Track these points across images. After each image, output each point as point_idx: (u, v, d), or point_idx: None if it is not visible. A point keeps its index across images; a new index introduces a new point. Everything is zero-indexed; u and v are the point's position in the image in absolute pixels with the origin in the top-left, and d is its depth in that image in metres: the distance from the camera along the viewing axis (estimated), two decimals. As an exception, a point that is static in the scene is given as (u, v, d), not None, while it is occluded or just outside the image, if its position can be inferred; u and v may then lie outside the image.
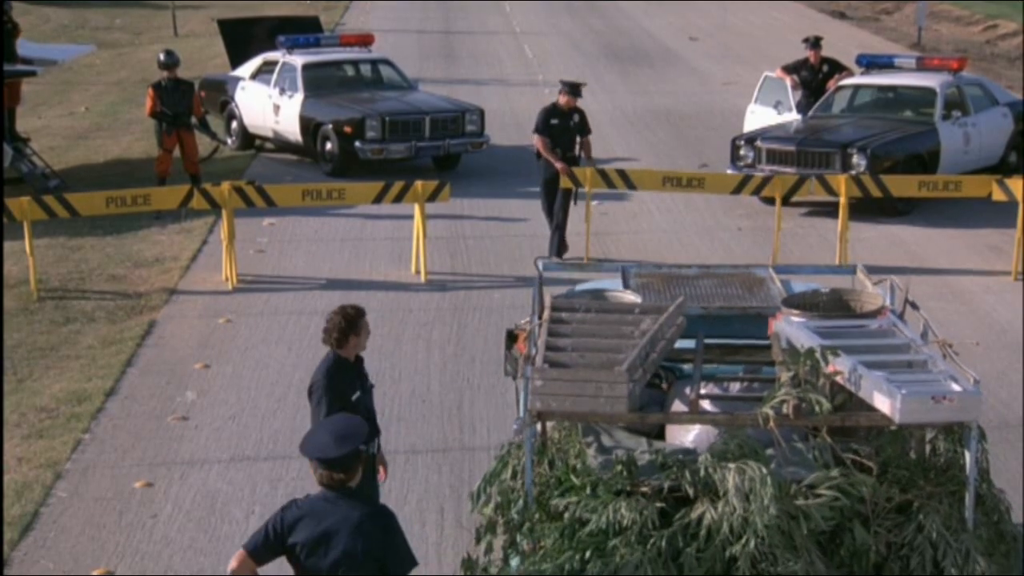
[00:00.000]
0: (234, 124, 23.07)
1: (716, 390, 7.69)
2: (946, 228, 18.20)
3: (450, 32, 39.28)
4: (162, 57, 19.65)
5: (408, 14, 42.95)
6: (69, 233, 17.66)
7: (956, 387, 6.74)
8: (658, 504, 6.74)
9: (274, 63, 22.40)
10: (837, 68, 20.98)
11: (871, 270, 9.28)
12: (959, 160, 19.18)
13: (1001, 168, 19.52)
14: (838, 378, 6.99)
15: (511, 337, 9.26)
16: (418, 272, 16.06)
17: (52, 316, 14.85)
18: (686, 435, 7.52)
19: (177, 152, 19.34)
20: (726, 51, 33.64)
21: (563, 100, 16.61)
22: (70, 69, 31.15)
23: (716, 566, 6.62)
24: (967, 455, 6.81)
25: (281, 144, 22.38)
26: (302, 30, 24.29)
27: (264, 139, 22.81)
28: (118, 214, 16.56)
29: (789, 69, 20.99)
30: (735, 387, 7.76)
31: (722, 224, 18.50)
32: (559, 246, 16.59)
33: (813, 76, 20.77)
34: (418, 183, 16.09)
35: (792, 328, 7.55)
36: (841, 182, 16.45)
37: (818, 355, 6.97)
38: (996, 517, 7.02)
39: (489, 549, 7.15)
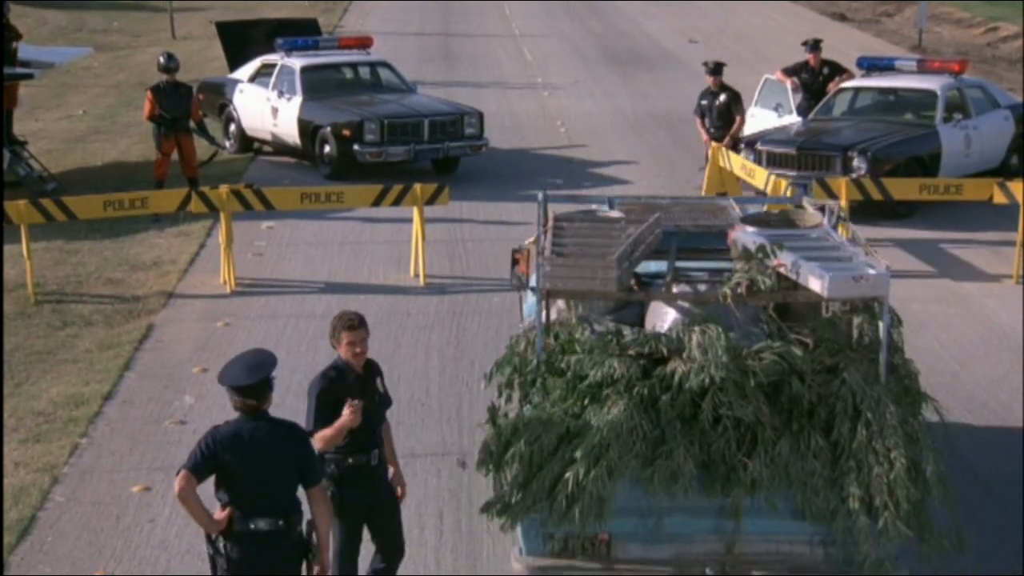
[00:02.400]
0: (232, 127, 23.08)
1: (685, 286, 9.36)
2: (947, 231, 18.21)
3: (449, 34, 39.31)
4: (163, 60, 19.66)
5: (407, 16, 42.98)
6: (66, 236, 17.67)
7: (872, 271, 8.63)
8: (641, 362, 8.58)
9: (272, 66, 22.41)
10: (838, 71, 20.98)
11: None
12: (960, 163, 19.18)
13: (1002, 171, 19.52)
14: (781, 269, 8.83)
15: (515, 259, 11.21)
16: (417, 276, 16.07)
17: (49, 320, 14.86)
18: (662, 323, 9.16)
19: (175, 156, 19.35)
20: (726, 54, 33.60)
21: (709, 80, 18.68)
22: (68, 72, 31.15)
23: (686, 410, 8.42)
24: (880, 324, 8.66)
25: (279, 147, 22.39)
26: (300, 32, 24.29)
27: (262, 142, 22.82)
28: (116, 217, 16.59)
29: (789, 72, 20.99)
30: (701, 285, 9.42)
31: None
32: None
33: (813, 79, 20.77)
34: (417, 186, 16.11)
35: (746, 236, 9.33)
36: (842, 185, 16.47)
37: (767, 249, 8.93)
38: (905, 380, 8.89)
39: (508, 400, 8.89)
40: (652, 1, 46.20)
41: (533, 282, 9.56)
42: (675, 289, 9.18)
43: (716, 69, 19.14)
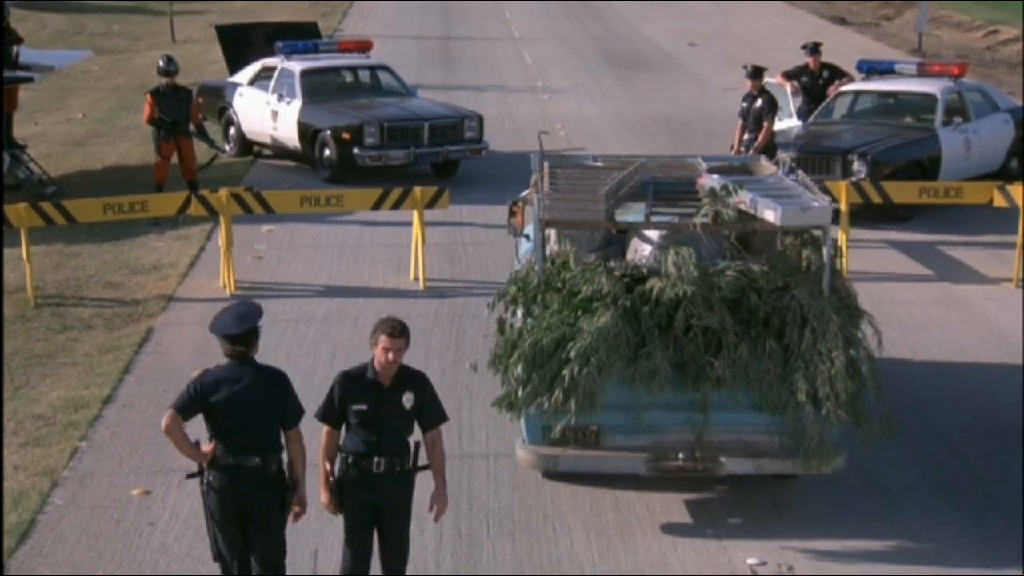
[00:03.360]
0: (232, 130, 23.09)
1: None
2: (947, 234, 18.21)
3: (449, 38, 39.32)
4: (162, 63, 19.65)
5: (407, 19, 42.98)
6: (66, 240, 17.68)
7: (816, 204, 10.51)
8: (624, 280, 10.25)
9: (272, 69, 22.41)
10: (837, 74, 20.99)
11: (873, 276, 14.43)
12: (960, 166, 19.19)
13: (1002, 174, 19.53)
14: (741, 205, 10.55)
15: (511, 210, 12.92)
16: (417, 279, 16.07)
17: (49, 323, 14.87)
18: (641, 254, 10.86)
19: (175, 159, 19.35)
20: (726, 57, 33.62)
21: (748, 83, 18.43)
22: (67, 75, 31.16)
23: (662, 319, 10.08)
24: (824, 249, 10.39)
25: (279, 150, 22.39)
26: (300, 36, 24.30)
27: (262, 145, 22.82)
28: (115, 221, 16.59)
29: (789, 75, 20.99)
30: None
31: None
32: None
33: (813, 82, 20.77)
34: (417, 190, 16.11)
35: (712, 180, 11.06)
36: (842, 188, 16.47)
37: (729, 188, 10.66)
38: (845, 298, 10.56)
39: (513, 314, 10.55)
40: (652, 1, 46.19)
41: (528, 228, 11.99)
42: (653, 221, 10.96)
43: (755, 73, 18.59)
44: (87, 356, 13.87)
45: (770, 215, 10.37)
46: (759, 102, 18.25)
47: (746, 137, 18.42)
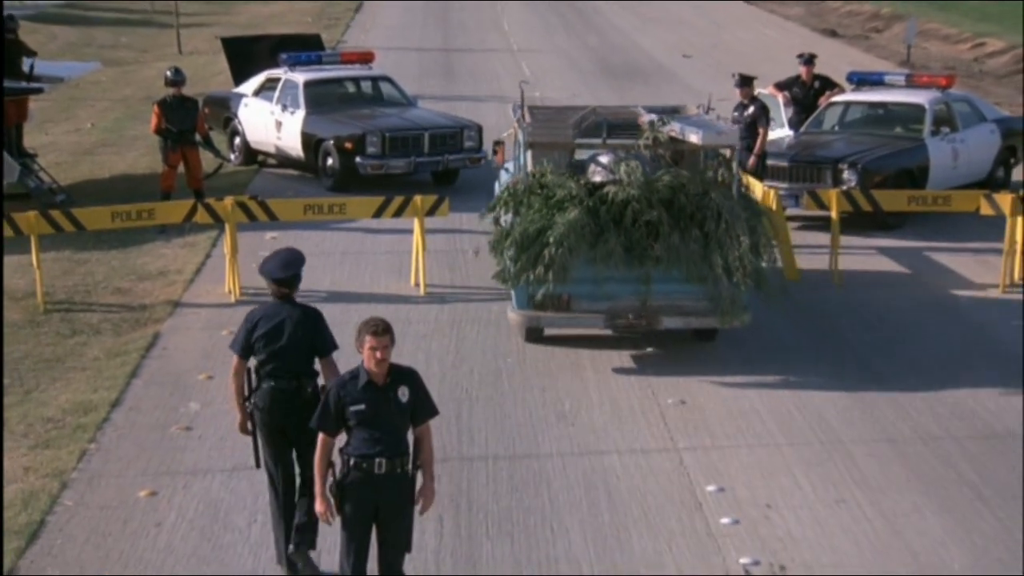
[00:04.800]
0: (237, 140, 23.09)
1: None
2: (935, 242, 18.22)
3: (449, 50, 39.34)
4: (170, 74, 19.64)
5: (408, 32, 43.02)
6: (75, 247, 17.67)
7: (727, 129, 14.10)
8: (588, 186, 13.40)
9: (276, 80, 22.42)
10: (828, 85, 20.98)
11: (863, 281, 16.31)
12: (948, 175, 19.19)
13: (989, 183, 19.54)
14: (672, 132, 13.85)
15: (495, 149, 16.49)
16: (417, 285, 16.07)
17: (58, 328, 14.86)
18: (598, 174, 13.67)
19: (181, 168, 19.34)
20: (719, 68, 33.62)
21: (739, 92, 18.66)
22: (76, 86, 31.19)
23: (616, 215, 13.15)
24: (733, 164, 13.79)
25: (283, 160, 22.40)
26: (304, 47, 24.32)
27: (266, 155, 22.82)
28: (123, 228, 16.58)
29: (781, 86, 20.99)
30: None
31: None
32: None
33: (805, 93, 20.77)
34: (417, 198, 16.11)
35: (650, 117, 14.29)
36: (832, 197, 16.48)
37: (663, 120, 14.03)
38: (750, 200, 14.27)
39: (505, 212, 13.71)
40: (647, 1, 46.21)
41: (508, 163, 16.02)
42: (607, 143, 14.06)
43: (743, 82, 18.43)
44: (95, 360, 13.87)
45: (694, 137, 13.70)
46: (751, 109, 18.13)
47: (738, 146, 18.24)
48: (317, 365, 9.40)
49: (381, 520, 8.48)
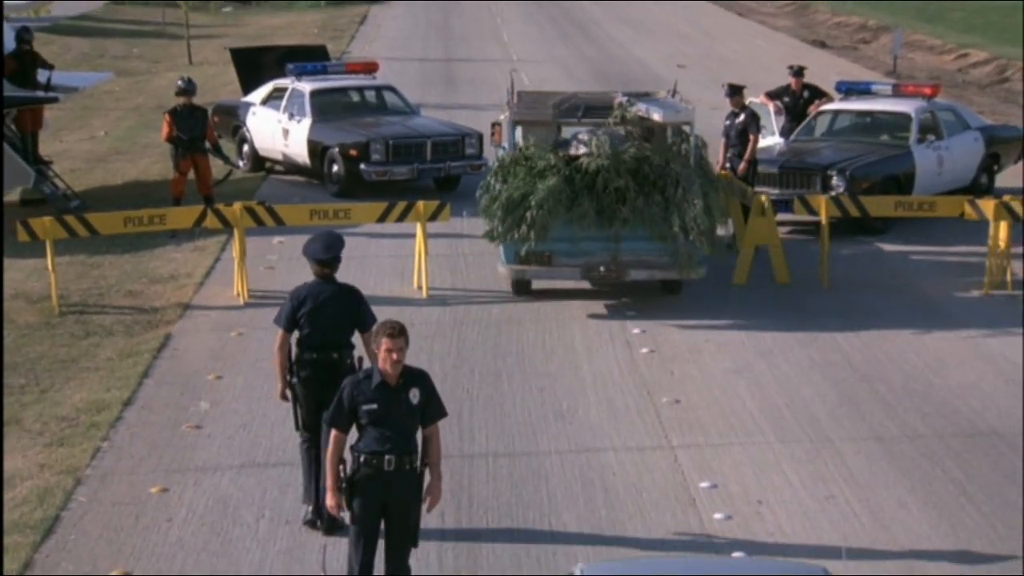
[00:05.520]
0: (246, 148, 23.07)
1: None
2: (921, 245, 18.21)
3: (450, 60, 39.32)
4: (181, 84, 19.64)
5: (411, 43, 43.01)
6: (89, 251, 17.67)
7: (686, 107, 15.63)
8: (565, 158, 15.07)
9: (283, 89, 22.41)
10: (818, 94, 20.96)
11: (851, 283, 16.44)
12: (933, 182, 19.17)
13: (973, 189, 19.52)
14: (639, 112, 15.56)
15: (493, 130, 18.24)
16: (420, 288, 16.06)
17: (73, 330, 14.86)
18: (576, 148, 15.33)
19: (191, 174, 19.34)
20: (713, 78, 33.59)
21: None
22: (90, 96, 31.15)
23: (589, 182, 14.81)
24: (691, 139, 15.50)
25: (290, 166, 22.39)
26: (310, 58, 24.30)
27: (274, 162, 22.82)
28: (135, 233, 16.59)
29: (772, 95, 20.98)
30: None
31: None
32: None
33: (795, 102, 20.75)
34: (420, 203, 16.11)
35: (622, 98, 15.95)
36: (822, 202, 16.47)
37: (631, 100, 15.78)
38: (707, 171, 15.78)
39: (496, 180, 15.24)
40: (641, 1, 46.20)
41: (504, 142, 16.88)
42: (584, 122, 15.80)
43: (733, 91, 18.32)
44: (108, 361, 13.87)
45: (656, 115, 15.49)
46: (741, 117, 18.08)
47: (729, 153, 18.24)
48: (354, 338, 10.01)
49: (389, 515, 8.48)
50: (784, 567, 7.63)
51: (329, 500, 8.49)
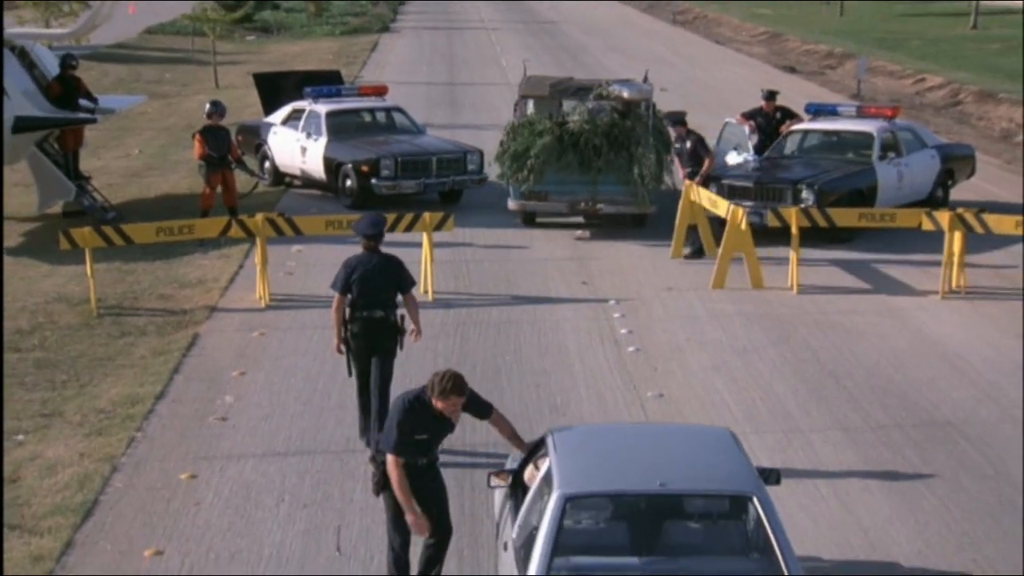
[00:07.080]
0: (267, 164, 23.07)
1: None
2: (882, 253, 18.22)
3: (454, 84, 39.32)
4: (211, 107, 19.66)
5: (417, 68, 43.00)
6: (124, 258, 17.67)
7: (646, 87, 19.17)
8: (557, 122, 18.74)
9: (302, 111, 22.41)
10: (789, 115, 20.98)
11: (819, 287, 16.55)
12: (894, 195, 19.18)
13: (929, 202, 19.54)
14: (614, 91, 18.87)
15: (515, 108, 20.41)
16: (426, 292, 16.05)
17: (109, 330, 14.85)
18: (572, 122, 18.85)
19: (219, 188, 19.34)
20: (693, 100, 33.62)
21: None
22: (126, 117, 31.07)
23: (575, 140, 18.54)
24: (650, 111, 18.93)
25: (308, 181, 22.38)
26: (326, 82, 24.30)
27: (293, 177, 22.81)
28: (166, 242, 16.57)
29: (747, 116, 20.98)
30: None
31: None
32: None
33: (768, 122, 20.77)
34: (426, 214, 16.11)
35: (603, 81, 19.37)
36: (792, 214, 16.48)
37: (608, 82, 19.24)
38: (662, 134, 19.08)
39: (508, 139, 18.95)
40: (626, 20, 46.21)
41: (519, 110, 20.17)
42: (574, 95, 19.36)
43: (676, 120, 18.92)
44: (142, 358, 13.86)
45: (625, 93, 18.92)
46: (689, 143, 18.48)
47: (688, 170, 18.44)
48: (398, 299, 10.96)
49: (423, 504, 8.26)
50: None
51: (409, 518, 8.20)
